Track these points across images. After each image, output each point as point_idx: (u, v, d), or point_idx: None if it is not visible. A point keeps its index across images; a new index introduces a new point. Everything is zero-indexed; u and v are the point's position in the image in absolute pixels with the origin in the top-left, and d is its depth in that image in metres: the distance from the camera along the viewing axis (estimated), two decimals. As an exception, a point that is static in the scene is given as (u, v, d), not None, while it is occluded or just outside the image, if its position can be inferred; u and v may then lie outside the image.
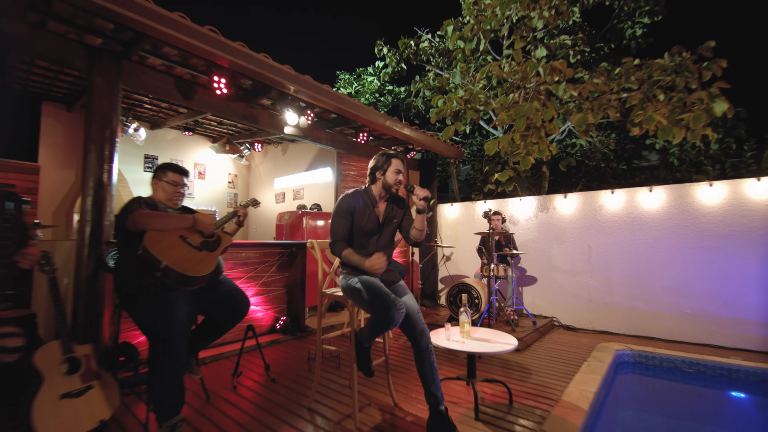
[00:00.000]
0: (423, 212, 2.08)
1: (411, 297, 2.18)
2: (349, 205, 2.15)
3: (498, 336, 2.49)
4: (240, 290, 2.46)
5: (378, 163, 2.18)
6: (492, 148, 3.68)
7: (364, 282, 2.08)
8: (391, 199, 2.27)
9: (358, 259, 2.03)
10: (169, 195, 2.29)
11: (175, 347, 1.96)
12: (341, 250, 2.11)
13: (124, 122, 5.21)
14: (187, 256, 2.03)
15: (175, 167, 2.35)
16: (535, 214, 5.05)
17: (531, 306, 4.93)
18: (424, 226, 2.16)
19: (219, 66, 3.10)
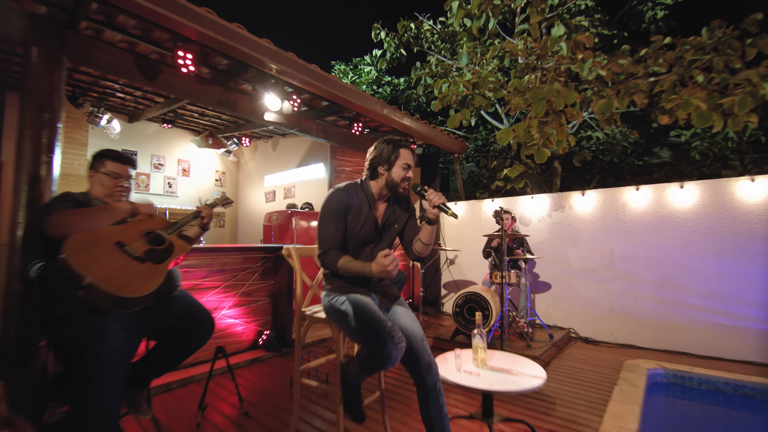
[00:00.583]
0: (434, 223, 1.66)
1: (413, 318, 1.73)
2: (342, 202, 1.69)
3: (519, 364, 2.04)
4: (201, 307, 2.01)
5: (382, 153, 1.71)
6: (505, 137, 3.24)
7: (354, 303, 1.63)
8: (393, 199, 1.83)
9: (359, 267, 1.59)
10: (109, 190, 1.85)
11: (105, 385, 1.51)
12: (336, 260, 1.64)
13: (95, 113, 4.76)
14: (122, 269, 1.58)
15: (114, 155, 1.90)
16: (548, 214, 4.61)
17: (545, 315, 4.49)
18: (432, 240, 1.72)
19: (186, 39, 2.66)
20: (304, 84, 3.22)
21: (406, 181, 1.72)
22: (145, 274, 1.63)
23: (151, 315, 1.79)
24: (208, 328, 2.02)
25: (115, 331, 1.60)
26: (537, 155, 3.62)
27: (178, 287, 1.98)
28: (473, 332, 2.03)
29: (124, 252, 1.64)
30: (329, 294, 1.75)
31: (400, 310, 1.74)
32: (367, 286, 1.75)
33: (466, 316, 3.64)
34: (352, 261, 1.62)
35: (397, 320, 1.69)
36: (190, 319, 1.94)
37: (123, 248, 1.64)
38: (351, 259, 1.63)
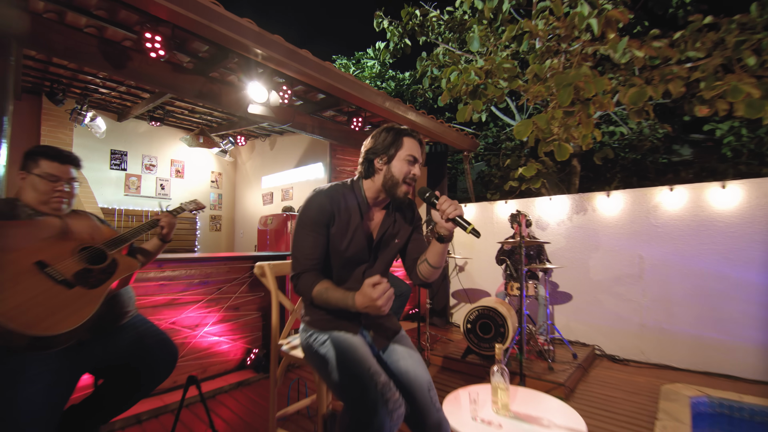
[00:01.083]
0: (446, 240, 1.28)
1: (417, 360, 1.35)
2: (324, 210, 1.31)
3: (549, 408, 1.66)
4: (159, 336, 1.66)
5: (379, 142, 1.34)
6: (524, 130, 2.84)
7: (337, 346, 1.26)
8: (394, 205, 1.43)
9: (340, 297, 1.20)
10: (44, 195, 1.51)
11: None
12: (311, 287, 1.26)
13: (78, 111, 4.47)
14: (39, 298, 1.23)
15: (51, 152, 1.56)
16: (568, 217, 4.19)
17: (565, 330, 4.08)
18: (442, 262, 1.34)
19: (155, 19, 2.32)
20: (293, 72, 2.87)
21: (411, 180, 1.33)
22: (71, 303, 1.28)
23: (89, 351, 1.45)
24: (168, 363, 1.67)
25: (32, 377, 1.25)
26: (557, 152, 3.21)
27: (129, 312, 1.63)
28: (493, 369, 1.64)
29: (46, 275, 1.29)
30: (307, 329, 1.39)
31: (401, 349, 1.37)
32: (357, 320, 1.38)
33: (479, 334, 3.25)
34: (331, 289, 1.23)
35: (396, 363, 1.32)
36: (143, 353, 1.59)
37: (45, 270, 1.29)
38: (331, 286, 1.24)
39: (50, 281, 1.28)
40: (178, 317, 2.88)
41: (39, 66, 3.64)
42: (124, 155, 5.83)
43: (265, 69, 2.92)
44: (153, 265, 2.79)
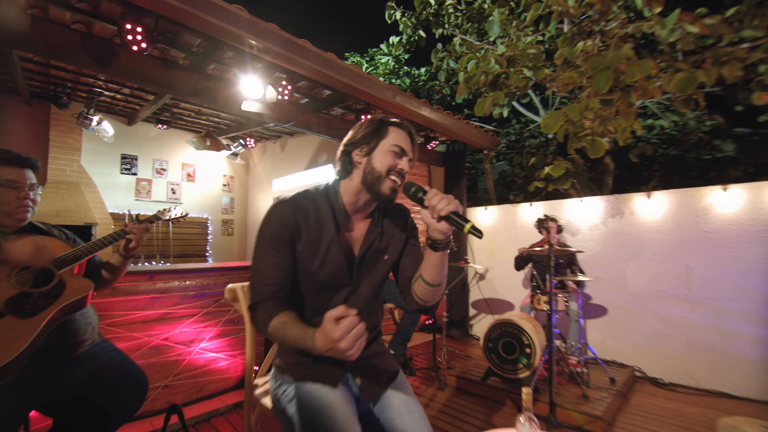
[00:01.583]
0: (442, 248, 1.00)
1: (418, 418, 1.06)
2: (286, 222, 1.05)
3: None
4: (124, 366, 1.43)
5: (359, 132, 1.10)
6: (553, 123, 2.49)
7: (306, 405, 0.99)
8: (382, 212, 1.19)
9: (299, 335, 0.91)
10: (7, 206, 1.31)
11: None
12: (266, 321, 0.98)
13: (85, 114, 4.40)
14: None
15: (6, 156, 1.36)
16: (603, 221, 3.78)
17: (600, 347, 3.66)
18: (442, 277, 1.06)
19: (138, 9, 2.12)
20: (292, 65, 2.63)
21: (398, 174, 1.07)
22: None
23: (34, 386, 1.23)
24: (134, 398, 1.44)
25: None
26: (591, 148, 2.83)
27: (86, 341, 1.41)
28: (519, 419, 1.32)
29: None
30: (276, 376, 1.12)
31: (398, 402, 1.08)
32: (341, 364, 1.09)
33: (501, 354, 2.91)
34: (290, 324, 0.95)
35: (391, 421, 1.04)
36: (103, 387, 1.37)
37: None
38: (291, 320, 0.96)
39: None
40: (171, 333, 2.68)
41: (40, 69, 3.56)
42: (135, 159, 5.78)
43: (263, 63, 2.70)
44: (144, 277, 2.61)
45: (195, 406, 2.71)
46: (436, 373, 3.24)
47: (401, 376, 1.20)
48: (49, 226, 1.51)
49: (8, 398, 1.14)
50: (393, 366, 1.19)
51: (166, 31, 2.52)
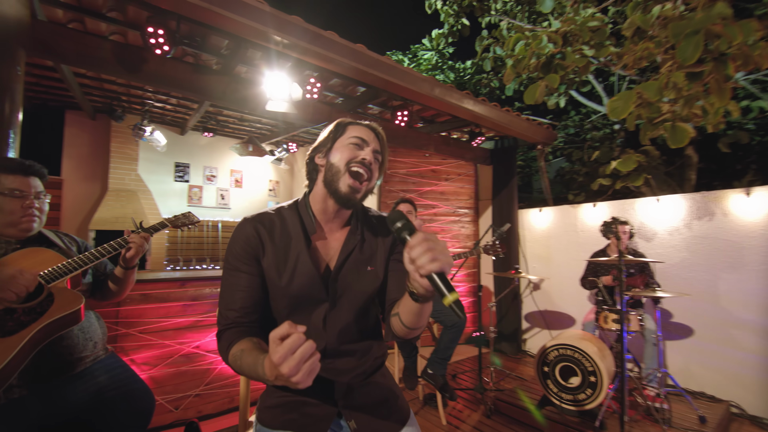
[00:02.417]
0: (422, 301, 0.81)
1: None
2: (249, 240, 0.94)
3: None
4: (128, 386, 1.33)
5: (321, 138, 1.05)
6: (622, 107, 2.06)
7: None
8: (361, 219, 1.07)
9: (252, 362, 0.77)
10: (14, 216, 1.27)
11: None
12: (227, 349, 0.85)
13: (139, 125, 4.66)
14: None
15: (11, 165, 1.32)
16: (686, 224, 3.19)
17: (684, 375, 3.08)
18: (419, 324, 0.89)
19: (162, 12, 2.10)
20: (319, 59, 2.47)
21: (360, 165, 0.96)
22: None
23: (25, 407, 1.15)
24: (136, 419, 1.34)
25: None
26: (671, 137, 2.31)
27: (86, 358, 1.33)
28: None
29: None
30: (257, 420, 0.93)
31: None
32: (331, 402, 0.94)
33: (558, 380, 2.51)
34: (247, 352, 0.80)
35: None
36: (102, 409, 1.27)
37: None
38: (248, 348, 0.81)
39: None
40: (203, 341, 2.65)
41: (94, 84, 3.79)
42: (187, 167, 6.06)
43: (291, 61, 2.58)
44: (175, 284, 2.60)
45: (226, 417, 2.65)
46: (482, 395, 2.91)
47: (411, 422, 1.00)
48: (60, 235, 1.47)
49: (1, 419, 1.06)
50: (402, 409, 1.01)
51: (194, 34, 2.50)
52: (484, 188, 4.84)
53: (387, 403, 0.99)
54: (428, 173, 4.69)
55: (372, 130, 1.03)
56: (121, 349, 2.35)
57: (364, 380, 0.98)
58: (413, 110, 3.48)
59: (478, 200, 4.88)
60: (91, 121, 5.12)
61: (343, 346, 0.96)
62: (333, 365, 0.95)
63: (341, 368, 0.95)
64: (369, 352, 1.01)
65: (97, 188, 5.21)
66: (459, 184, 4.80)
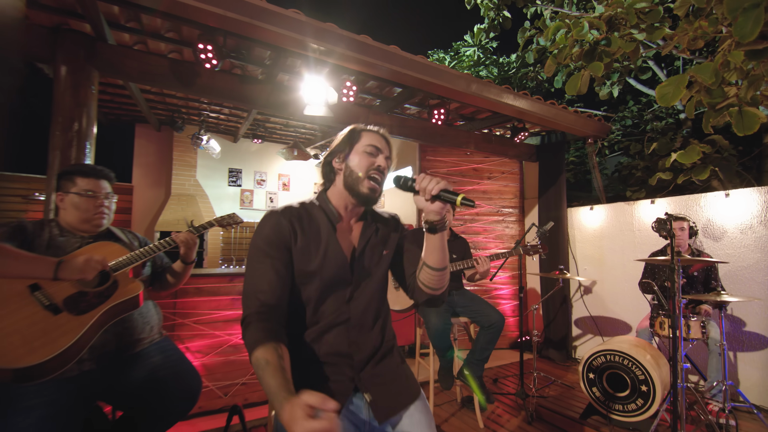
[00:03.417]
0: (438, 228, 1.02)
1: None
2: (280, 228, 1.03)
3: None
4: (179, 368, 1.51)
5: (336, 143, 1.16)
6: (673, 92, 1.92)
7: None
8: (371, 216, 1.22)
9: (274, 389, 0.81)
10: (88, 213, 1.50)
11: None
12: (252, 346, 0.90)
13: (197, 135, 5.12)
14: (19, 325, 1.15)
15: (85, 169, 1.56)
16: (761, 221, 2.88)
17: (757, 390, 2.77)
18: (444, 260, 1.06)
19: (210, 29, 2.33)
20: (353, 63, 2.59)
21: (376, 172, 1.10)
22: (51, 331, 1.18)
23: (94, 382, 1.36)
24: (185, 399, 1.51)
25: (26, 408, 1.18)
26: (738, 123, 2.10)
27: (144, 340, 1.52)
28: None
29: (35, 298, 1.22)
30: None
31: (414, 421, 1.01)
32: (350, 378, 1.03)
33: (606, 388, 2.39)
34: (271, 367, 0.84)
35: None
36: (155, 386, 1.45)
37: (35, 293, 1.23)
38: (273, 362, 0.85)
39: (37, 306, 1.21)
40: (249, 333, 2.86)
41: (158, 98, 4.24)
42: (239, 172, 6.52)
43: (328, 66, 2.73)
44: (224, 279, 2.84)
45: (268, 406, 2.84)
46: (524, 401, 2.83)
47: (421, 399, 1.09)
48: (124, 232, 1.70)
49: (68, 389, 1.27)
50: (413, 388, 1.10)
51: (240, 48, 2.73)
52: (530, 186, 4.69)
53: (399, 380, 1.09)
54: (470, 172, 4.64)
55: (382, 136, 1.16)
56: (177, 337, 2.62)
57: (380, 359, 1.09)
58: (450, 108, 3.49)
59: (523, 199, 4.74)
60: (156, 133, 5.71)
61: (364, 323, 1.08)
62: (355, 341, 1.05)
63: (361, 344, 1.05)
64: (384, 332, 1.13)
65: (161, 193, 5.79)
66: (503, 182, 4.69)
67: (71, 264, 1.26)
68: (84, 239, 1.50)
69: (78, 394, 1.31)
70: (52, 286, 1.26)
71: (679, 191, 3.72)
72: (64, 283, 1.28)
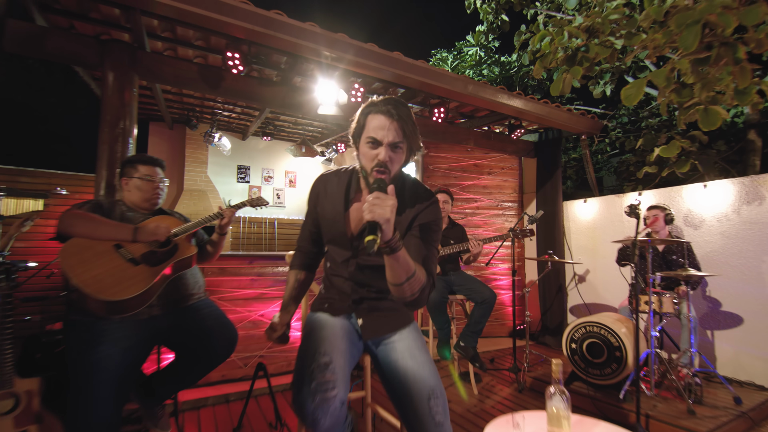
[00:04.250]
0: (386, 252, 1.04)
1: (422, 363, 1.23)
2: (314, 190, 1.43)
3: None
4: (222, 322, 1.94)
5: (352, 128, 1.26)
6: (634, 94, 2.32)
7: (308, 324, 1.36)
8: (401, 187, 1.28)
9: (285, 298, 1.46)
10: (147, 194, 1.94)
11: (91, 399, 1.52)
12: (291, 267, 1.49)
13: (209, 133, 5.58)
14: (110, 272, 1.59)
15: (145, 158, 1.99)
16: (735, 209, 3.26)
17: (731, 365, 3.15)
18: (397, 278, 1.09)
19: (237, 40, 2.77)
20: (361, 67, 3.02)
21: (380, 166, 1.14)
22: (134, 276, 1.62)
23: (158, 324, 1.79)
24: (226, 344, 1.94)
25: (114, 339, 1.62)
26: (703, 120, 2.51)
27: (195, 296, 1.96)
28: (549, 390, 1.40)
29: (120, 254, 1.66)
30: (309, 309, 1.46)
31: (402, 345, 1.27)
32: (348, 302, 1.35)
33: (586, 356, 2.78)
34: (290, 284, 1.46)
35: (393, 363, 1.24)
36: (204, 333, 1.88)
37: (119, 250, 1.67)
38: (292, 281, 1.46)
39: (121, 259, 1.65)
40: (267, 310, 3.29)
41: (176, 98, 4.70)
42: (248, 169, 6.98)
43: (338, 71, 3.15)
44: (245, 261, 3.27)
45: (284, 376, 3.25)
46: (516, 375, 3.23)
47: (412, 328, 1.36)
48: (171, 211, 2.13)
49: (141, 327, 1.69)
50: (405, 318, 1.36)
51: (259, 54, 3.16)
52: (528, 181, 5.08)
53: (392, 313, 1.34)
54: (470, 167, 5.05)
55: (389, 116, 1.15)
56: (204, 312, 3.06)
57: (379, 298, 1.35)
58: (450, 107, 3.91)
59: (522, 193, 5.13)
60: (169, 131, 6.18)
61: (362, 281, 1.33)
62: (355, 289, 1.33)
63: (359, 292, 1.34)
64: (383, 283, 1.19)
65: (174, 189, 6.25)
66: (502, 177, 5.09)
67: (145, 229, 1.69)
68: (145, 215, 1.94)
69: (147, 333, 1.74)
70: (130, 246, 1.69)
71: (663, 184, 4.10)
72: (138, 244, 1.71)
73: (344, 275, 1.34)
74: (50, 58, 2.60)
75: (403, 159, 1.23)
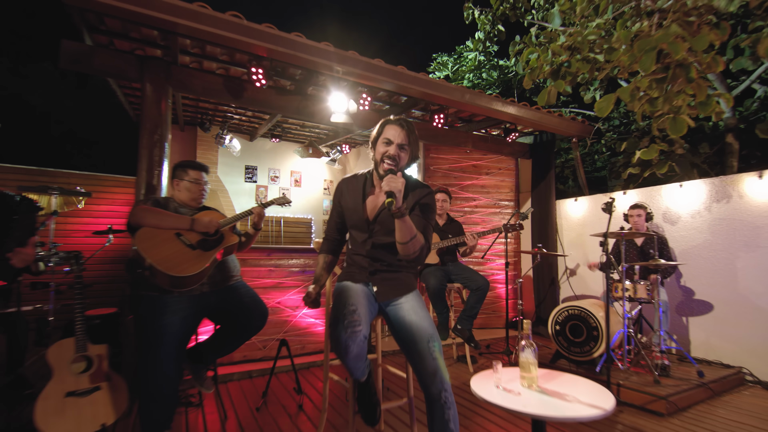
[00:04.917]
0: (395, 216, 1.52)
1: (422, 316, 1.67)
2: (338, 189, 1.89)
3: (583, 389, 1.78)
4: (256, 300, 2.40)
5: (373, 135, 1.76)
6: (606, 106, 2.78)
7: (337, 289, 1.79)
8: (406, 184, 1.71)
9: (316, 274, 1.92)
10: (195, 194, 2.39)
11: (159, 357, 1.97)
12: (320, 251, 1.93)
13: (220, 135, 6.03)
14: (175, 254, 2.05)
15: (195, 164, 2.45)
16: (707, 206, 3.71)
17: (703, 347, 3.60)
18: (404, 236, 1.57)
19: (259, 57, 3.22)
20: (369, 80, 3.47)
21: (388, 158, 1.64)
22: (193, 258, 2.08)
23: (207, 300, 2.24)
24: (260, 318, 2.39)
25: (174, 310, 2.07)
26: (671, 127, 2.98)
27: (234, 277, 2.41)
28: (521, 343, 1.86)
29: (180, 241, 2.12)
30: (337, 278, 1.92)
31: (407, 305, 1.73)
32: (365, 273, 1.80)
33: (568, 336, 3.24)
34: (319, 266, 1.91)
35: (401, 318, 1.69)
36: (243, 308, 2.34)
37: (180, 237, 2.13)
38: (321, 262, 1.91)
39: (182, 244, 2.10)
40: (282, 298, 3.75)
41: (192, 103, 5.16)
42: (255, 169, 7.44)
43: (347, 82, 3.61)
44: (264, 253, 3.73)
45: (299, 358, 3.71)
46: (509, 357, 3.68)
47: (415, 292, 1.81)
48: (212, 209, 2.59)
49: (194, 302, 2.15)
50: (409, 284, 1.81)
51: (277, 67, 3.62)
52: (524, 181, 5.54)
53: (399, 282, 1.80)
54: (469, 168, 5.50)
55: (401, 127, 1.66)
56: (228, 299, 3.52)
57: (389, 270, 1.80)
58: (449, 112, 4.36)
59: (519, 193, 5.59)
60: (181, 133, 6.63)
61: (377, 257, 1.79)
62: (372, 264, 1.79)
63: (375, 266, 1.79)
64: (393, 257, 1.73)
65: (185, 188, 6.70)
66: (500, 177, 5.55)
67: (201, 221, 2.15)
68: (193, 211, 2.39)
69: (198, 306, 2.19)
70: (188, 234, 2.15)
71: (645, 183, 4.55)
72: (193, 233, 2.17)
73: (362, 253, 1.79)
74: (97, 73, 3.06)
75: (407, 159, 1.72)
